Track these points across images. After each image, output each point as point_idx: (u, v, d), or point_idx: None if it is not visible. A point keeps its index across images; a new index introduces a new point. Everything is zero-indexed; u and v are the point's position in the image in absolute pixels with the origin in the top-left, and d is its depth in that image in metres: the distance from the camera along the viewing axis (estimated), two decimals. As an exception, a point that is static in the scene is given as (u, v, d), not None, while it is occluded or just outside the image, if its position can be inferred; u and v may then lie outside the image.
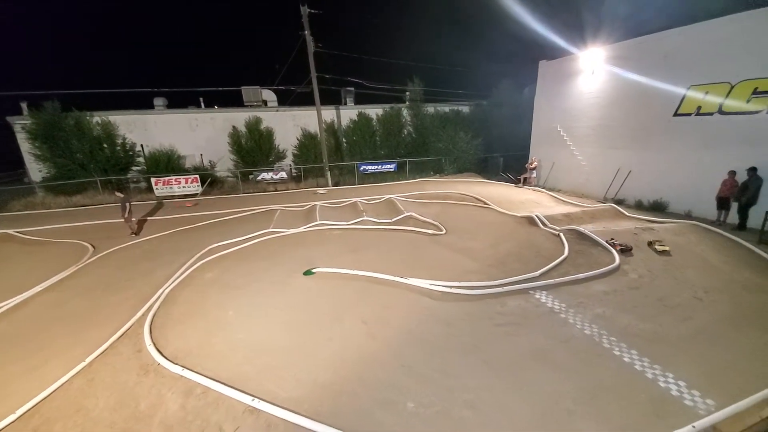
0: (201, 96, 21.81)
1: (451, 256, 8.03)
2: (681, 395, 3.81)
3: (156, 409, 3.86)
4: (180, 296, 6.55)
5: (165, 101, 20.71)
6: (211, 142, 19.46)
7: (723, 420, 3.41)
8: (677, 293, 6.02)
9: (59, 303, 6.59)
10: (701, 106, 10.28)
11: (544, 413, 3.63)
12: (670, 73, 10.92)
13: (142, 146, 18.25)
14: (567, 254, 7.68)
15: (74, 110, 16.34)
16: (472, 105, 23.47)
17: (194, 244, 9.38)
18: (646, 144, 12.03)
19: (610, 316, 5.38)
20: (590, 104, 13.94)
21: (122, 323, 5.65)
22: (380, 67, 21.02)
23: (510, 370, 4.29)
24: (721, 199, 9.47)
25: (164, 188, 16.21)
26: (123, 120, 17.72)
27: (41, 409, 3.98)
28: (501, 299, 5.98)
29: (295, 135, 20.05)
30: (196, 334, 5.30)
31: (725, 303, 5.65)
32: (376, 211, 12.14)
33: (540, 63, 16.32)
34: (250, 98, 20.72)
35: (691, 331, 4.97)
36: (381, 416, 3.66)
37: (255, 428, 3.55)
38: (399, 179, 19.20)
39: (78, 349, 5.01)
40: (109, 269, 8.13)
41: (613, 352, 4.55)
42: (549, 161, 16.44)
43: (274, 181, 18.06)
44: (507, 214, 11.12)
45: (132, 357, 4.82)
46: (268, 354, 4.75)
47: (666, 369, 4.19)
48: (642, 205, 12.00)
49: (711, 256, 7.46)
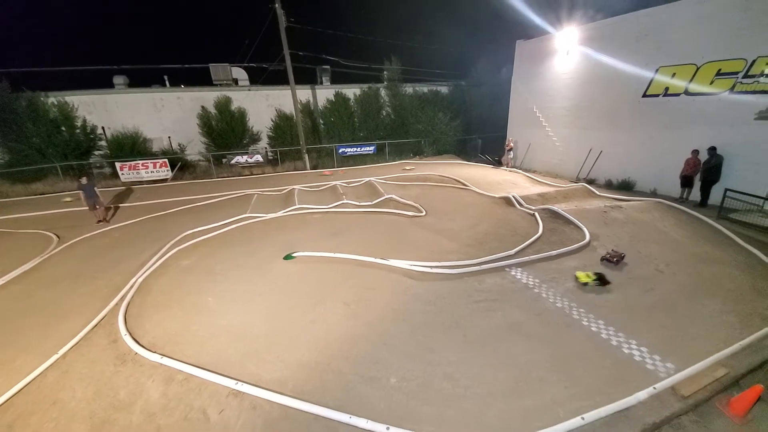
0: (165, 74, 20.55)
1: (431, 237, 8.16)
2: (643, 360, 4.12)
3: (136, 398, 3.81)
4: (155, 285, 6.37)
5: (126, 80, 19.36)
6: (179, 123, 18.47)
7: (681, 381, 3.74)
8: (641, 266, 6.41)
9: (25, 296, 6.27)
10: (668, 88, 10.67)
11: (518, 381, 3.85)
12: (642, 54, 11.20)
13: (103, 128, 17.16)
14: (541, 232, 7.97)
15: (26, 90, 15.07)
16: (451, 85, 23.34)
17: (168, 231, 9.06)
18: (616, 125, 12.43)
19: (579, 290, 5.68)
20: (565, 85, 14.17)
21: (95, 314, 5.46)
22: (357, 44, 20.51)
23: (487, 343, 4.49)
24: (685, 177, 10.00)
25: (131, 173, 15.41)
26: (81, 101, 16.50)
27: (14, 403, 3.85)
28: (479, 277, 6.18)
29: (269, 116, 19.35)
30: (174, 322, 5.21)
31: (684, 275, 6.07)
32: (356, 193, 12.09)
33: (517, 42, 16.32)
34: (219, 76, 19.71)
35: (653, 301, 5.34)
36: (365, 391, 3.77)
37: (240, 410, 3.59)
38: (378, 162, 19.08)
39: (49, 342, 4.83)
40: (76, 260, 7.76)
41: (581, 323, 4.84)
42: (525, 142, 16.74)
43: (249, 165, 17.54)
44: (485, 195, 11.34)
45: (107, 347, 4.70)
46: (250, 338, 4.74)
47: (630, 336, 4.51)
48: (612, 185, 12.52)
49: (673, 231, 7.94)
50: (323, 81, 21.95)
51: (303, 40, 16.74)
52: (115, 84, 19.05)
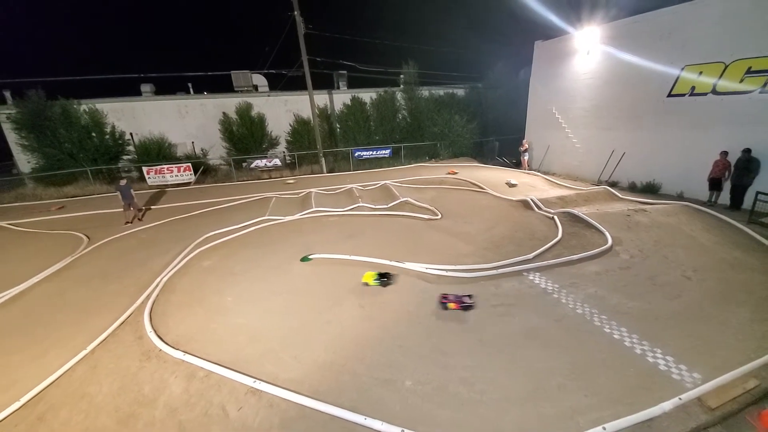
0: (189, 81, 21.29)
1: (446, 240, 8.11)
2: (668, 369, 3.96)
3: (159, 393, 3.95)
4: (179, 284, 6.59)
5: (152, 87, 20.15)
6: (202, 129, 19.11)
7: (708, 392, 3.57)
8: (667, 272, 6.17)
9: (58, 293, 6.61)
10: (695, 87, 10.27)
11: (536, 388, 3.77)
12: (665, 53, 10.84)
13: (131, 134, 17.91)
14: (560, 236, 7.79)
15: (60, 98, 15.92)
16: (467, 88, 23.18)
17: (190, 232, 9.36)
18: (640, 125, 12.04)
19: (601, 296, 5.52)
20: (585, 85, 13.85)
21: (122, 311, 5.70)
22: (373, 49, 20.69)
23: (504, 348, 4.42)
24: (713, 180, 9.57)
25: (157, 177, 16.02)
26: (111, 108, 17.31)
27: (45, 396, 4.05)
28: (495, 281, 6.10)
29: (287, 121, 19.76)
30: (196, 320, 5.37)
31: (713, 281, 5.81)
32: (372, 197, 12.15)
33: (535, 43, 16.09)
34: (240, 83, 20.26)
35: (680, 308, 5.13)
36: (380, 393, 3.78)
37: (258, 408, 3.66)
38: (394, 165, 19.11)
39: (79, 338, 5.07)
40: (105, 259, 8.12)
41: (603, 330, 4.70)
42: (544, 144, 16.43)
43: (267, 169, 17.91)
44: (502, 198, 11.19)
45: (133, 344, 4.89)
46: (268, 338, 4.84)
47: (654, 345, 4.34)
48: (635, 187, 12.11)
49: (701, 236, 7.61)
50: (340, 86, 22.24)
51: (320, 46, 17.04)
52: (142, 92, 19.88)
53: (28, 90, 15.40)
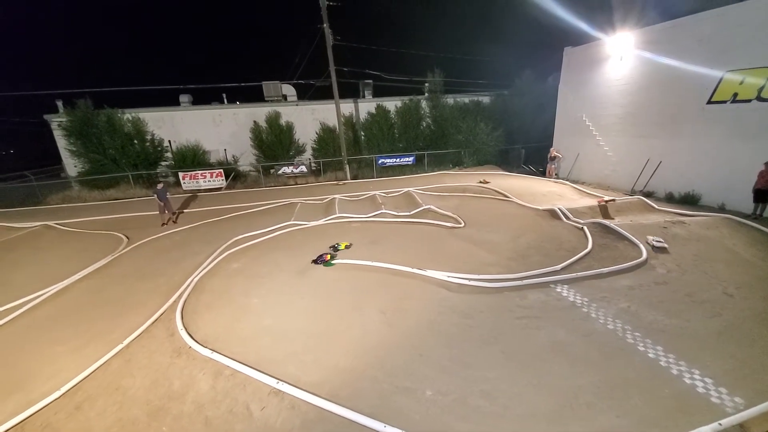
0: (224, 92, 22.34)
1: (470, 248, 8.00)
2: (707, 392, 3.71)
3: (188, 389, 4.12)
4: (208, 284, 6.86)
5: (190, 98, 21.33)
6: (234, 137, 19.96)
7: (751, 418, 3.32)
8: (706, 289, 5.80)
9: (98, 289, 7.04)
10: (737, 93, 9.69)
11: (562, 405, 3.64)
12: (705, 58, 10.31)
13: (170, 142, 18.96)
14: (590, 248, 7.50)
15: (106, 108, 17.12)
16: (493, 95, 22.93)
17: (220, 235, 9.74)
18: (677, 133, 11.46)
19: (635, 311, 5.26)
20: (618, 91, 13.37)
21: (156, 309, 6.00)
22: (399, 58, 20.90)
23: (529, 363, 4.29)
24: (758, 192, 8.95)
25: (191, 182, 16.81)
26: (151, 117, 18.44)
27: (83, 386, 4.32)
28: (521, 292, 5.95)
29: (314, 129, 20.28)
30: (223, 320, 5.57)
31: (757, 299, 5.41)
32: (395, 203, 12.19)
33: (565, 50, 15.74)
34: (271, 93, 21.05)
35: (720, 327, 4.80)
36: (400, 401, 3.77)
37: (280, 409, 3.74)
38: (417, 172, 19.12)
39: (116, 332, 5.37)
40: (142, 259, 8.59)
41: (637, 347, 4.47)
42: (573, 152, 15.93)
43: (294, 175, 18.38)
44: (528, 207, 10.92)
45: (165, 340, 5.13)
46: (291, 340, 4.94)
47: (692, 365, 4.09)
48: (673, 198, 11.50)
49: (744, 250, 7.11)
50: (365, 95, 22.62)
51: (347, 57, 17.42)
52: (180, 102, 21.05)
53: (77, 99, 16.70)
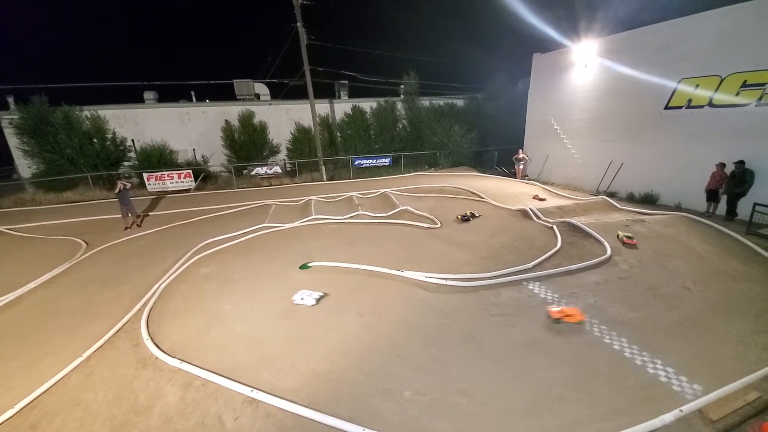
0: (192, 89, 21.46)
1: (446, 248, 8.11)
2: (669, 381, 3.93)
3: (155, 402, 3.90)
4: (176, 291, 6.55)
5: (155, 95, 20.32)
6: (204, 136, 19.19)
7: (709, 404, 3.54)
8: (666, 283, 6.17)
9: (54, 299, 6.55)
10: (692, 99, 10.41)
11: (536, 399, 3.74)
12: (662, 66, 11.01)
13: (132, 141, 17.99)
14: (560, 246, 7.80)
15: (63, 104, 16.03)
16: (467, 98, 23.44)
17: (189, 239, 9.34)
18: (637, 137, 12.16)
19: (601, 306, 5.51)
20: (583, 97, 14.02)
21: (119, 318, 5.65)
22: (374, 59, 20.90)
23: (504, 359, 4.39)
24: (711, 191, 9.65)
25: (157, 183, 16.01)
26: (113, 114, 17.41)
27: (40, 403, 3.99)
28: (495, 290, 6.08)
29: (288, 129, 19.88)
30: (194, 328, 5.33)
31: (713, 292, 5.80)
32: (372, 205, 12.17)
33: (534, 56, 16.33)
34: (243, 92, 20.45)
35: (680, 319, 5.11)
36: (378, 404, 3.74)
37: (254, 418, 3.61)
38: (394, 173, 19.20)
39: (75, 345, 5.01)
40: (103, 265, 8.08)
41: (603, 340, 4.68)
42: (543, 154, 16.54)
43: (268, 176, 17.96)
44: (501, 208, 11.22)
45: (129, 351, 4.84)
46: (266, 346, 4.80)
47: (654, 356, 4.32)
48: (633, 198, 12.17)
49: (700, 246, 7.63)
50: (341, 95, 22.45)
51: (322, 57, 17.24)
52: (145, 99, 20.02)
53: (31, 96, 15.53)
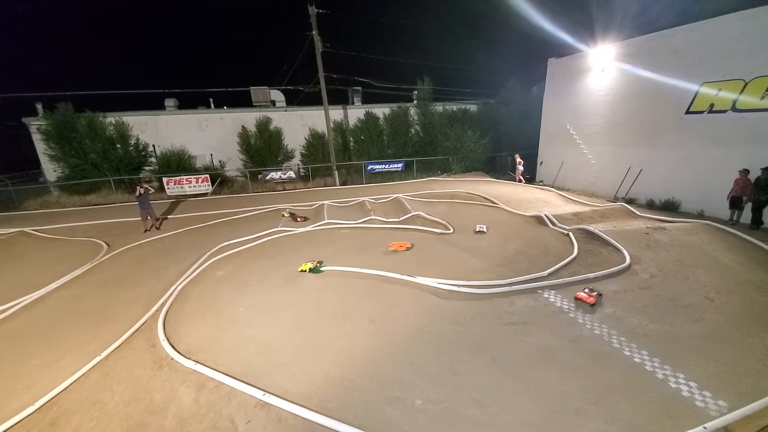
0: (211, 97, 22.11)
1: (458, 254, 8.03)
2: (692, 396, 3.77)
3: (170, 403, 3.96)
4: (192, 293, 6.67)
5: (176, 102, 21.03)
6: (221, 142, 19.71)
7: (735, 421, 3.37)
8: (688, 293, 5.94)
9: (75, 299, 6.77)
10: (714, 104, 10.11)
11: (552, 412, 3.64)
12: (682, 70, 10.75)
13: (153, 146, 18.57)
14: (576, 254, 7.63)
15: (87, 111, 16.68)
16: (480, 103, 23.38)
17: (205, 242, 9.53)
18: (657, 142, 11.86)
19: (620, 316, 5.34)
20: (600, 102, 13.79)
21: (136, 319, 5.79)
22: (388, 66, 21.15)
23: (518, 369, 4.29)
24: (734, 199, 9.31)
25: (176, 187, 16.47)
26: (135, 120, 18.06)
27: (59, 401, 4.10)
28: (509, 298, 5.97)
29: (303, 135, 20.19)
30: (208, 329, 5.41)
31: (737, 303, 5.56)
32: (384, 210, 12.18)
33: (549, 61, 16.19)
34: (259, 98, 20.91)
35: (703, 331, 4.91)
36: (389, 412, 3.70)
37: (266, 422, 3.62)
38: (406, 178, 19.20)
39: (94, 344, 5.15)
40: (122, 266, 8.31)
41: (623, 352, 4.52)
42: (558, 160, 16.30)
43: (282, 181, 18.22)
44: (515, 213, 11.06)
45: (146, 352, 4.94)
46: (278, 350, 4.83)
47: (677, 369, 4.15)
48: (654, 205, 11.84)
49: (723, 256, 7.34)
50: (355, 101, 22.72)
51: (336, 64, 17.51)
52: (166, 106, 20.72)
53: (57, 103, 16.23)
